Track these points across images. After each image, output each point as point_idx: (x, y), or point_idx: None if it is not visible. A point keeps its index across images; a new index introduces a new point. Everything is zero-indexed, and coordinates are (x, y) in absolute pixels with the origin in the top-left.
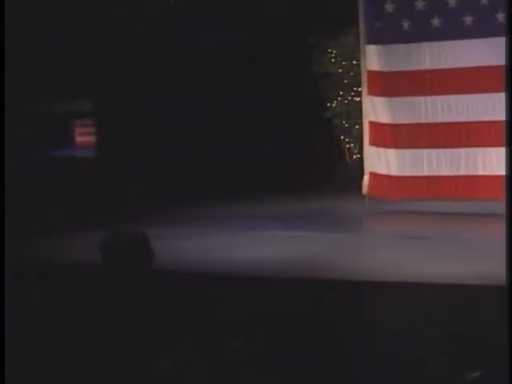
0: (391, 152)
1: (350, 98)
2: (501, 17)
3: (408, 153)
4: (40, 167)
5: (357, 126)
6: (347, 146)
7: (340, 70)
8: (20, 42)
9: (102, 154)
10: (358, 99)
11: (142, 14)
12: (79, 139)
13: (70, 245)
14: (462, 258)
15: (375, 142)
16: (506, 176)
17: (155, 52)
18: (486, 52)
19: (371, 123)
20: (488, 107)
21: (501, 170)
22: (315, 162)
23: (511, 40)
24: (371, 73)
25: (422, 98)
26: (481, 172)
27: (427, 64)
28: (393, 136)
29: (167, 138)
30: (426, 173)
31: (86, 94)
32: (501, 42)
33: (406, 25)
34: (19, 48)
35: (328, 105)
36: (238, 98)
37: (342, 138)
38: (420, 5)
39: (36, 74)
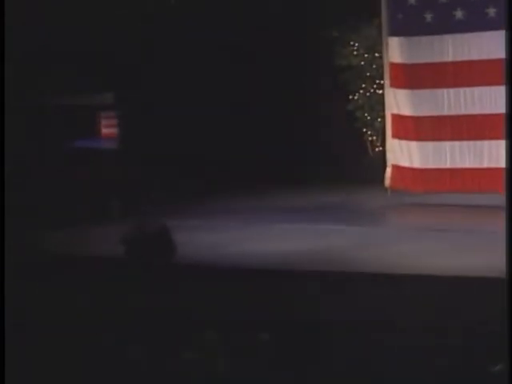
0: (414, 144)
1: (372, 90)
2: None
3: (430, 145)
4: (66, 158)
5: (379, 119)
6: (369, 138)
7: (362, 63)
8: (42, 40)
9: (125, 145)
10: (380, 92)
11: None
12: (105, 131)
13: (93, 236)
14: (485, 251)
15: (398, 135)
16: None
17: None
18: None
19: (393, 116)
20: None
21: None
22: (337, 154)
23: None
24: (393, 65)
25: (444, 90)
26: (504, 165)
27: (450, 56)
28: (415, 128)
29: (178, 135)
30: (448, 165)
31: (110, 88)
32: None
33: (428, 17)
34: (43, 46)
35: (350, 97)
36: (259, 88)
37: (365, 130)
38: None
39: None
